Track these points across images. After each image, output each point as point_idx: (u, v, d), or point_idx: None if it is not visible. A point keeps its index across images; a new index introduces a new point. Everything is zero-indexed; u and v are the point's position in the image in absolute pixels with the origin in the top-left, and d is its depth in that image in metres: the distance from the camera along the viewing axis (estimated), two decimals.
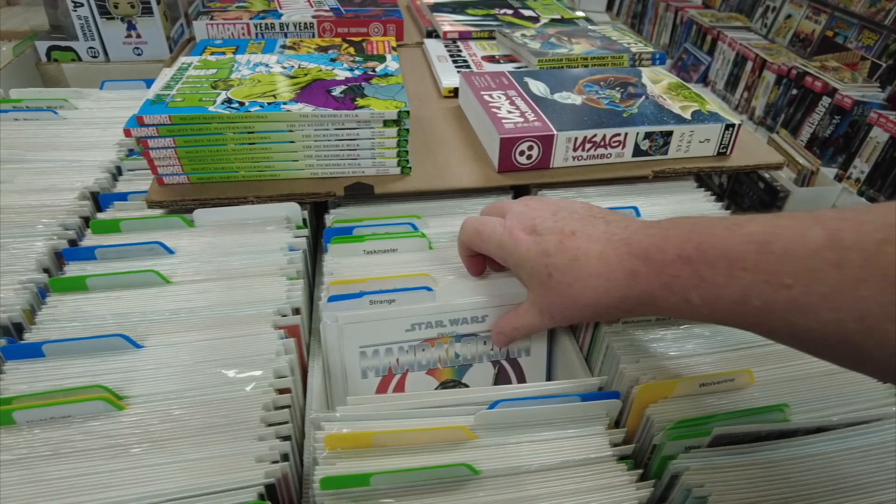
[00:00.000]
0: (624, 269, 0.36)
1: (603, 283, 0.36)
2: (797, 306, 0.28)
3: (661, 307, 0.35)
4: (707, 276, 0.31)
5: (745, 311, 0.30)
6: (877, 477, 0.37)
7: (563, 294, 0.39)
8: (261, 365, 0.41)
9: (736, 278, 0.30)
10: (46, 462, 0.35)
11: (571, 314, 0.40)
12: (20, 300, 0.46)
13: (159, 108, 0.51)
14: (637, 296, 0.35)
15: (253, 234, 0.53)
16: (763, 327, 0.31)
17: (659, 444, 0.38)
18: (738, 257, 0.30)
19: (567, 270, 0.38)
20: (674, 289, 0.33)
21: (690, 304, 0.33)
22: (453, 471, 0.35)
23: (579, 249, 0.38)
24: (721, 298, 0.31)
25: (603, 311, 0.39)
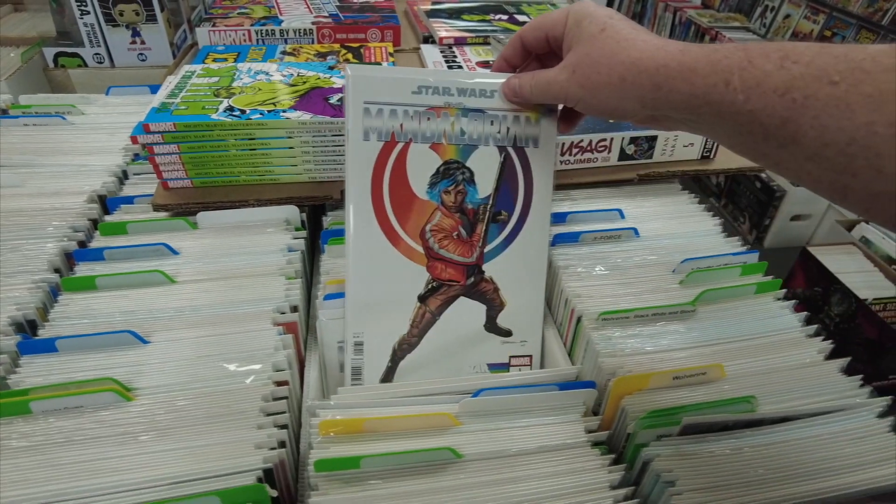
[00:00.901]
0: (679, 45, 0.34)
1: (652, 48, 0.35)
2: (836, 104, 0.27)
3: (697, 86, 0.32)
4: (757, 61, 0.30)
5: (781, 102, 0.29)
6: (835, 463, 0.39)
7: (606, 47, 0.36)
8: (260, 359, 0.43)
9: (785, 69, 0.29)
10: (61, 448, 0.37)
11: (600, 70, 0.36)
12: (34, 299, 0.48)
13: (164, 116, 0.54)
14: (678, 67, 0.33)
15: (253, 236, 0.55)
16: (789, 126, 0.29)
17: (632, 432, 0.40)
18: (794, 52, 0.29)
19: (623, 30, 0.36)
20: (718, 66, 0.31)
21: (728, 86, 0.31)
22: (437, 454, 0.37)
23: (642, 31, 0.37)
24: (762, 85, 0.30)
25: (633, 75, 0.35)
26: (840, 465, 0.39)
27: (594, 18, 0.38)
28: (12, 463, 0.36)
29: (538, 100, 0.43)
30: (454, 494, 0.36)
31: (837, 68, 0.28)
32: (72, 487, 0.35)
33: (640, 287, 0.51)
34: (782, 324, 0.49)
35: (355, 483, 0.37)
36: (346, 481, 0.37)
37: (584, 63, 0.37)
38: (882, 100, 0.26)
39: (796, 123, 0.29)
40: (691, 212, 0.62)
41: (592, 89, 0.38)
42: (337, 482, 0.37)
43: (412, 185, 0.45)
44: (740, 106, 0.31)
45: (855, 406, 0.43)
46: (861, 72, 0.27)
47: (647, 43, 0.35)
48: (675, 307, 0.48)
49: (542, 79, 0.41)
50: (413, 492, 0.37)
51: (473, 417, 0.41)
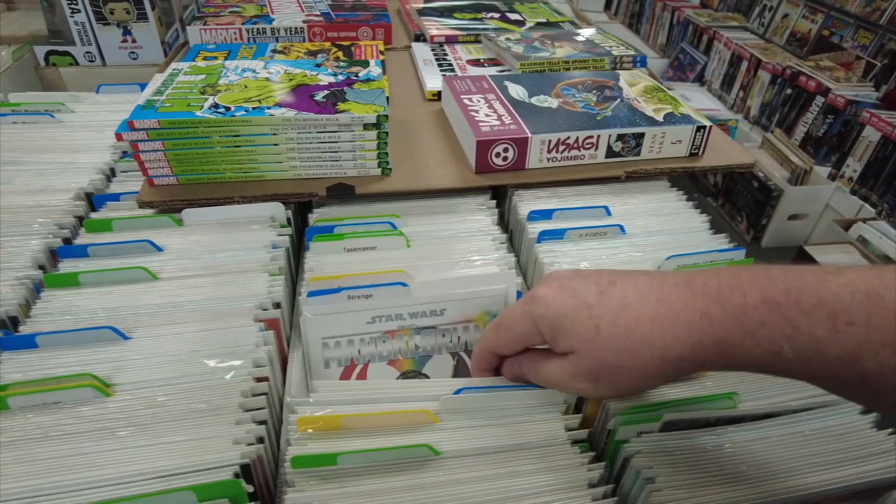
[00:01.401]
0: (693, 310, 0.30)
1: (669, 327, 0.30)
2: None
3: (744, 359, 0.29)
4: (804, 327, 0.27)
5: (852, 372, 0.26)
6: (818, 459, 0.39)
7: (616, 349, 0.32)
8: (241, 355, 0.43)
9: (841, 333, 0.26)
10: (39, 444, 0.37)
11: (628, 375, 0.33)
12: (16, 295, 0.48)
13: (149, 113, 0.54)
14: (714, 343, 0.29)
15: (239, 233, 0.55)
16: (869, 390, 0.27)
17: (613, 429, 0.40)
18: (841, 309, 0.26)
19: (618, 319, 0.32)
20: (760, 338, 0.28)
21: (782, 359, 0.28)
22: (415, 451, 0.37)
23: (627, 297, 0.32)
24: (821, 355, 0.27)
25: (671, 366, 0.31)
26: (823, 461, 0.39)
27: (574, 319, 0.33)
28: None
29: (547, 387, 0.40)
30: (432, 491, 0.36)
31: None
32: (49, 482, 0.35)
33: None
34: None
35: (332, 479, 0.37)
36: (324, 478, 0.37)
37: (605, 372, 0.33)
38: None
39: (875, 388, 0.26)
40: (679, 209, 0.61)
41: (624, 389, 0.34)
42: (314, 479, 0.37)
43: None
44: (802, 372, 0.28)
45: (838, 403, 0.42)
46: None
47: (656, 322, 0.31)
48: None
49: (551, 377, 0.37)
50: (390, 488, 0.36)
51: (453, 415, 0.40)
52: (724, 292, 0.30)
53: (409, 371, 0.49)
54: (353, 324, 0.46)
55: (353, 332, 0.47)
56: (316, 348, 0.46)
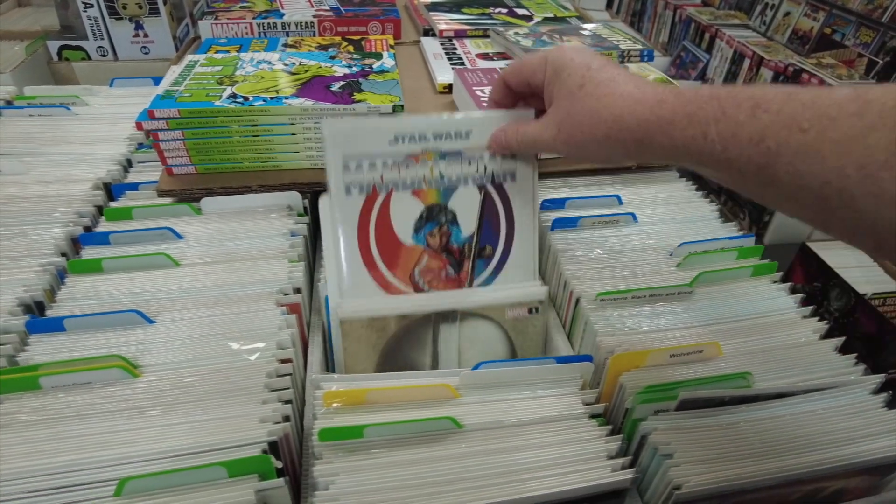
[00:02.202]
0: (654, 96, 0.36)
1: (631, 102, 0.36)
2: (806, 150, 0.29)
3: (677, 138, 0.34)
4: (730, 112, 0.32)
5: (756, 151, 0.31)
6: (829, 437, 0.40)
7: (586, 105, 0.38)
8: (264, 337, 0.44)
9: (757, 118, 0.31)
10: (71, 422, 0.38)
11: (586, 131, 0.38)
12: (41, 281, 0.49)
13: (169, 103, 0.55)
14: (657, 121, 0.35)
15: (257, 221, 0.56)
16: (768, 173, 0.31)
17: (630, 407, 0.41)
18: (763, 101, 0.31)
19: (601, 84, 0.38)
20: (695, 119, 0.33)
21: (706, 138, 0.33)
22: (439, 424, 0.38)
23: (619, 75, 0.38)
24: (737, 136, 0.31)
25: (616, 134, 0.37)
26: (834, 438, 0.40)
27: (572, 71, 0.39)
28: (24, 436, 0.37)
29: (526, 152, 0.46)
30: (455, 463, 0.37)
31: (805, 116, 0.29)
32: (82, 458, 0.36)
33: (637, 270, 0.52)
34: (778, 305, 0.50)
35: (359, 452, 0.38)
36: (350, 450, 0.38)
37: (567, 122, 0.39)
38: (849, 144, 0.27)
39: (772, 169, 0.30)
40: (689, 198, 0.62)
41: (578, 146, 0.40)
42: (341, 451, 0.38)
43: (397, 232, 0.47)
44: (719, 155, 0.32)
45: (849, 383, 0.43)
46: (828, 118, 0.28)
47: (626, 97, 0.37)
48: (672, 288, 0.49)
49: (528, 135, 0.43)
50: (415, 460, 0.37)
51: (473, 389, 0.41)
52: (686, 91, 0.35)
53: (433, 205, 0.47)
54: (375, 141, 0.44)
55: (375, 152, 0.44)
56: (336, 169, 0.45)
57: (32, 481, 0.35)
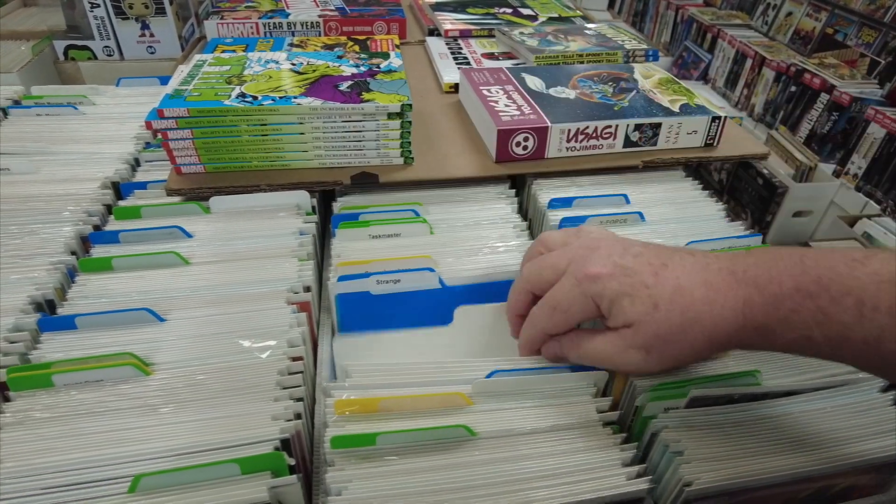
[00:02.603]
0: (736, 296, 0.33)
1: (718, 310, 0.34)
2: None
3: (779, 341, 0.33)
4: (833, 313, 0.29)
5: (877, 353, 0.29)
6: (838, 434, 0.40)
7: (671, 326, 0.35)
8: (275, 336, 0.44)
9: (868, 319, 0.28)
10: (84, 419, 0.38)
11: (679, 349, 0.36)
12: (52, 279, 0.49)
13: (178, 102, 0.55)
14: (754, 327, 0.33)
15: (265, 220, 0.56)
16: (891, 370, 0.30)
17: (640, 405, 0.41)
18: (867, 297, 0.28)
19: (674, 300, 0.35)
20: (793, 324, 0.31)
21: (812, 342, 0.31)
22: (452, 432, 0.38)
23: (679, 279, 0.35)
24: (849, 340, 0.29)
25: (716, 344, 0.35)
26: (843, 436, 0.40)
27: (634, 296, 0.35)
28: (37, 433, 0.37)
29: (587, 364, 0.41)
30: (469, 470, 0.37)
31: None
32: (96, 455, 0.36)
33: None
34: None
35: (371, 459, 0.38)
36: (363, 457, 0.38)
37: (657, 345, 0.36)
38: None
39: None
40: (695, 197, 0.62)
41: (673, 362, 0.38)
42: (353, 458, 0.38)
43: None
44: (829, 354, 0.31)
45: (858, 381, 0.43)
46: None
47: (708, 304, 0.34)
48: None
49: (598, 353, 0.39)
50: (428, 467, 0.37)
51: (486, 398, 0.41)
52: (762, 281, 0.33)
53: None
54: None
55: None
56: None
57: (46, 478, 0.35)
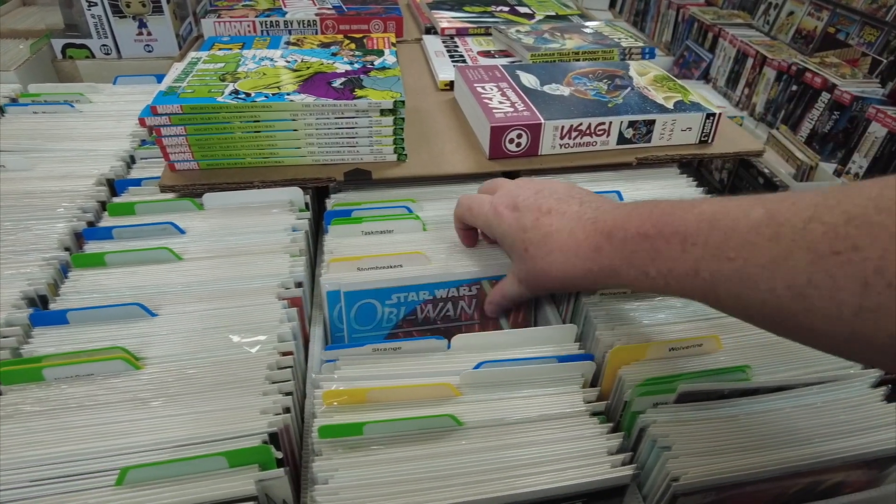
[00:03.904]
0: (590, 244, 0.39)
1: (570, 257, 0.40)
2: (739, 277, 0.31)
3: (623, 279, 0.38)
4: (663, 250, 0.34)
5: (695, 283, 0.33)
6: (829, 429, 0.40)
7: (536, 266, 0.43)
8: (266, 330, 0.44)
9: (688, 252, 0.33)
10: (73, 413, 0.38)
11: (544, 284, 0.44)
12: (45, 275, 0.50)
13: (171, 99, 0.55)
14: (600, 269, 0.39)
15: (258, 216, 0.56)
16: (712, 298, 0.33)
17: (629, 400, 0.41)
18: (690, 233, 0.33)
19: (540, 245, 0.42)
20: (634, 262, 0.36)
21: (648, 277, 0.36)
22: (439, 421, 0.38)
23: (552, 226, 0.42)
24: (674, 271, 0.34)
25: (570, 284, 0.42)
26: (833, 431, 0.40)
27: (513, 239, 0.44)
28: (27, 426, 0.37)
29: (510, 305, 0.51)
30: (454, 459, 0.37)
31: (730, 245, 0.31)
32: (85, 448, 0.36)
33: None
34: None
35: (358, 449, 0.38)
36: (350, 447, 0.38)
37: (526, 280, 0.45)
38: (773, 268, 0.29)
39: (714, 294, 0.33)
40: (690, 194, 0.62)
41: (541, 290, 0.48)
42: (340, 448, 0.38)
43: None
44: (663, 288, 0.36)
45: (849, 377, 0.43)
46: (750, 245, 0.30)
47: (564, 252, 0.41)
48: None
49: (507, 294, 0.48)
50: (415, 457, 0.37)
51: (474, 388, 0.41)
52: (614, 230, 0.38)
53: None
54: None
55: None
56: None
57: (35, 471, 0.35)
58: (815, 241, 0.28)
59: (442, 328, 0.52)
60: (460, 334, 0.45)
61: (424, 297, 0.50)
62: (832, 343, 0.29)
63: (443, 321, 0.52)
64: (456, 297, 0.51)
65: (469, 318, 0.52)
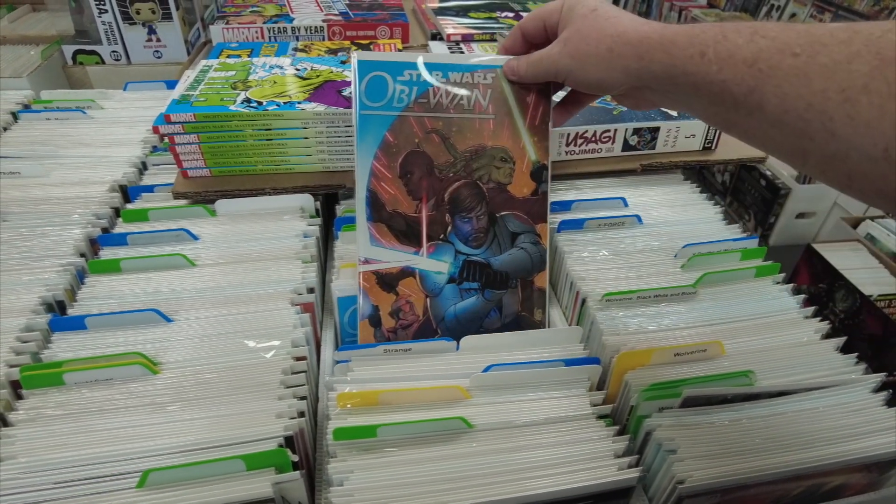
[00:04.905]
0: (660, 24, 0.38)
1: (637, 23, 0.39)
2: (795, 73, 0.30)
3: (676, 56, 0.36)
4: (731, 36, 0.33)
5: (749, 72, 0.32)
6: (831, 433, 0.41)
7: (594, 23, 0.41)
8: (279, 336, 0.45)
9: (754, 42, 0.32)
10: (94, 416, 0.39)
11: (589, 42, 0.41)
12: (62, 280, 0.51)
13: (185, 107, 0.56)
14: (659, 39, 0.37)
15: (270, 223, 0.57)
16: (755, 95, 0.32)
17: (635, 405, 0.42)
18: (763, 29, 0.33)
19: (610, 10, 0.41)
20: (696, 39, 0.35)
21: (704, 58, 0.34)
22: (450, 424, 0.39)
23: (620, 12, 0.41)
24: (733, 56, 0.33)
25: (619, 46, 0.39)
26: (835, 435, 0.41)
27: (586, 3, 0.42)
28: (49, 430, 0.38)
29: (533, 77, 0.48)
30: (466, 461, 0.38)
31: (799, 42, 0.31)
32: (106, 451, 0.37)
33: (642, 271, 0.53)
34: (781, 305, 0.51)
35: (372, 450, 0.39)
36: (364, 449, 0.39)
37: (574, 37, 0.42)
38: (834, 68, 0.29)
39: (761, 92, 0.32)
40: (693, 200, 0.63)
41: (581, 59, 0.42)
42: (354, 450, 0.39)
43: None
44: (714, 76, 0.34)
45: (851, 381, 0.44)
46: (819, 44, 0.30)
47: (633, 20, 0.39)
48: (676, 289, 0.50)
49: (535, 56, 0.46)
50: (427, 458, 0.38)
51: (483, 391, 0.43)
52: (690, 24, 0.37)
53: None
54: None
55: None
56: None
57: (58, 473, 0.36)
58: (886, 47, 0.28)
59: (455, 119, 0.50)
60: (469, 336, 0.46)
61: (438, 79, 0.49)
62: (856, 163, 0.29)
63: (455, 110, 0.50)
64: (471, 83, 0.50)
65: (482, 111, 0.50)
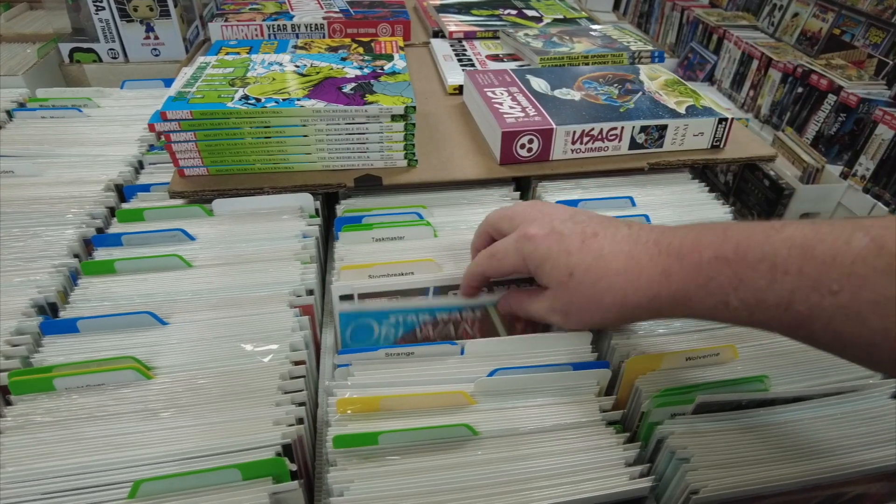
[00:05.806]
0: (656, 267, 0.34)
1: (632, 280, 0.35)
2: (844, 313, 0.28)
3: (696, 308, 0.34)
4: (748, 278, 0.31)
5: (788, 315, 0.30)
6: (849, 441, 0.39)
7: (583, 294, 0.37)
8: (278, 339, 0.44)
9: (778, 282, 0.29)
10: (84, 423, 0.38)
11: (591, 316, 0.38)
12: (54, 282, 0.49)
13: (181, 105, 0.55)
14: (670, 295, 0.34)
15: (268, 223, 0.56)
16: (804, 332, 0.30)
17: (646, 411, 0.41)
18: (780, 260, 0.30)
19: (590, 269, 0.37)
20: (711, 290, 0.32)
21: (729, 307, 0.32)
22: (454, 431, 0.38)
23: (604, 248, 0.37)
24: (763, 302, 0.30)
25: (629, 312, 0.37)
26: (853, 443, 0.39)
27: (554, 263, 0.38)
28: (38, 437, 0.37)
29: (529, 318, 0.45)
30: (471, 470, 0.37)
31: (832, 276, 0.28)
32: (96, 460, 0.36)
33: None
34: None
35: (373, 458, 0.37)
36: (365, 457, 0.37)
37: (572, 311, 0.40)
38: (888, 306, 0.26)
39: (808, 330, 0.30)
40: (702, 200, 0.62)
41: (591, 325, 0.41)
42: (355, 458, 0.37)
43: None
44: (746, 320, 0.32)
45: (868, 387, 0.43)
46: (858, 278, 0.27)
47: (622, 275, 0.36)
48: None
49: (533, 311, 0.43)
50: (430, 467, 0.37)
51: (488, 396, 0.41)
52: (685, 251, 0.34)
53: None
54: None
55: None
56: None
57: (46, 483, 0.35)
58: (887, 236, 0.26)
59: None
60: (474, 339, 0.44)
61: (424, 319, 0.48)
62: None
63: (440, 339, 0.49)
64: (458, 320, 0.49)
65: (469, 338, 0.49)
